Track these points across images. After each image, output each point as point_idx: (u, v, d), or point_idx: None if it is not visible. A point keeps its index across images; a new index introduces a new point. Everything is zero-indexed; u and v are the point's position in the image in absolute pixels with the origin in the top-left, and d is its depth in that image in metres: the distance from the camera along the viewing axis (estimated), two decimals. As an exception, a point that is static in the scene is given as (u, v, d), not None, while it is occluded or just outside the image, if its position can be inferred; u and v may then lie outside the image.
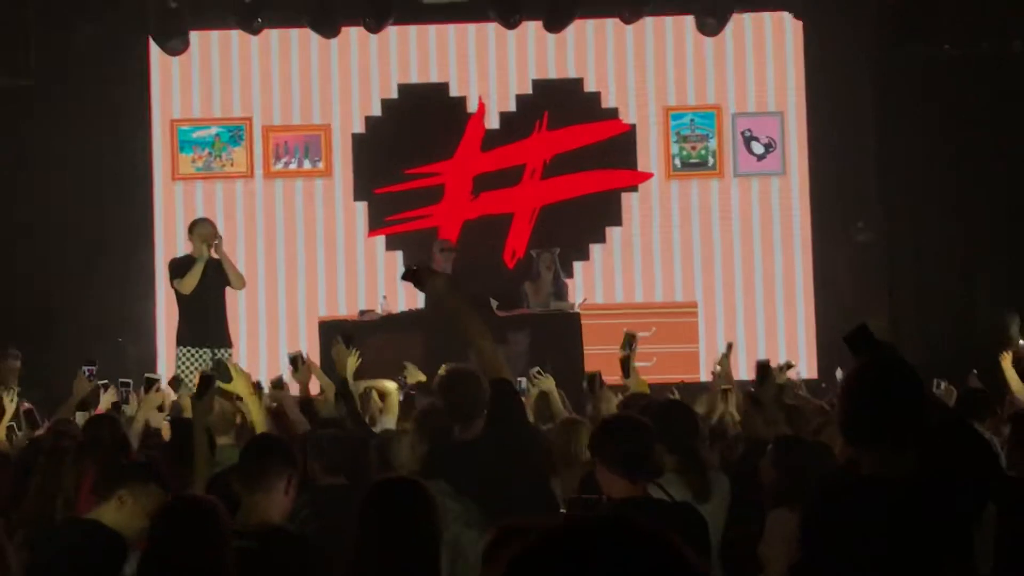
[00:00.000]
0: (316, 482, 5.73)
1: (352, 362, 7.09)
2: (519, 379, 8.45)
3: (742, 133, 13.42)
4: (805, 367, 12.50)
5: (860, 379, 3.58)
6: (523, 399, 7.11)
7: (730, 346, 8.84)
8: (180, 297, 10.19)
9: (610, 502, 4.55)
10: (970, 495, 3.58)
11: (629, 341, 8.42)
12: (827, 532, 3.55)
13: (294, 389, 8.13)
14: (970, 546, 3.53)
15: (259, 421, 5.90)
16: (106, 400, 7.89)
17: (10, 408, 7.70)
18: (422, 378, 8.53)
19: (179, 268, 10.17)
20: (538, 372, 7.91)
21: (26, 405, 7.66)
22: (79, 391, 7.24)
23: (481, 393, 5.21)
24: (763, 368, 6.80)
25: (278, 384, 8.23)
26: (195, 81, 13.43)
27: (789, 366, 9.27)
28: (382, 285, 13.21)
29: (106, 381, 8.10)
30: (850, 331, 3.75)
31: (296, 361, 7.76)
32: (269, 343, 13.03)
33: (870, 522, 3.44)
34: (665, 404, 5.95)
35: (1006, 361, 8.31)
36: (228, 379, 6.03)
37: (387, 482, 4.05)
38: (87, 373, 7.26)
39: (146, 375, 6.79)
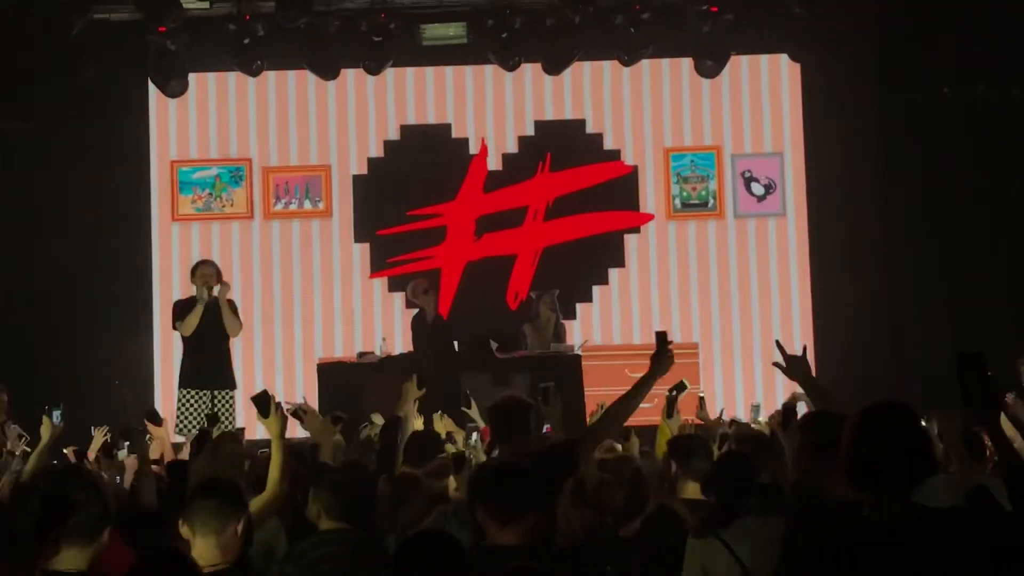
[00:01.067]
0: (318, 526, 5.70)
1: (412, 404, 7.09)
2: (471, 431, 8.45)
3: (742, 174, 13.42)
4: (803, 408, 12.40)
5: (867, 425, 3.60)
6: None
7: (701, 400, 8.84)
8: (183, 339, 10.21)
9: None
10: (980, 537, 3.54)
11: (679, 389, 8.35)
12: (818, 571, 3.53)
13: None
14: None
15: (276, 469, 5.77)
16: (97, 440, 7.86)
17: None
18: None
19: (181, 310, 10.19)
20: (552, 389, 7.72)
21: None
22: (47, 435, 7.05)
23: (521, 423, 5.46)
24: (789, 412, 6.74)
25: (298, 414, 8.16)
26: (193, 122, 13.46)
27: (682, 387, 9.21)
28: (379, 327, 13.18)
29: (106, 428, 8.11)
30: (968, 353, 3.72)
31: (298, 413, 7.71)
32: (266, 385, 12.96)
33: (869, 564, 3.44)
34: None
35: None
36: (267, 414, 5.91)
37: (419, 536, 4.04)
38: (55, 418, 7.16)
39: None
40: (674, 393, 8.08)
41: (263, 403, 5.82)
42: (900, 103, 12.58)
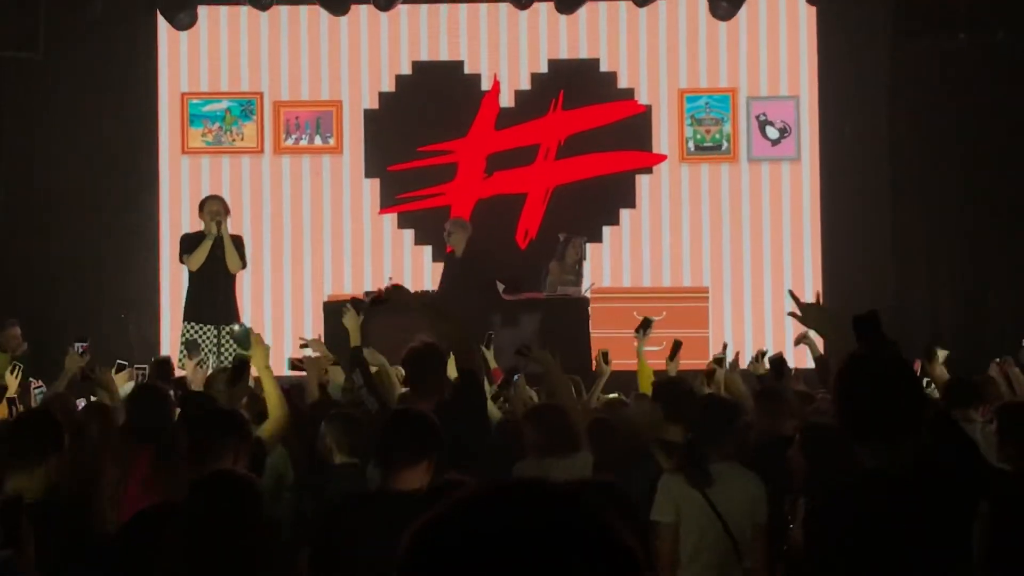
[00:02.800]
0: (329, 461, 5.74)
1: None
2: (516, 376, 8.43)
3: (757, 117, 13.28)
4: (810, 359, 12.39)
5: (856, 373, 3.58)
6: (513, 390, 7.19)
7: (725, 347, 8.83)
8: (189, 273, 10.24)
9: None
10: (968, 489, 3.53)
11: (645, 325, 8.40)
12: (829, 526, 3.56)
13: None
14: (969, 540, 3.52)
15: (272, 395, 5.82)
16: (120, 379, 7.90)
17: (12, 383, 7.71)
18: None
19: (189, 244, 10.23)
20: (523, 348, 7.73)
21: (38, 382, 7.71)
22: (70, 367, 7.25)
23: (437, 369, 5.63)
24: (779, 364, 6.75)
25: (297, 367, 8.18)
26: (204, 55, 13.36)
27: (724, 349, 9.23)
28: (388, 264, 13.15)
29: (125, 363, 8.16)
30: (862, 314, 3.73)
31: (296, 365, 7.74)
32: (274, 322, 12.99)
33: (872, 517, 3.44)
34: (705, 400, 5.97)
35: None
36: (247, 347, 5.98)
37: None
38: (79, 350, 7.29)
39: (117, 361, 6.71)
40: (640, 336, 8.14)
41: (243, 338, 5.96)
42: (917, 48, 12.41)
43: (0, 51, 11.89)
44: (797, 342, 8.48)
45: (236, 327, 9.94)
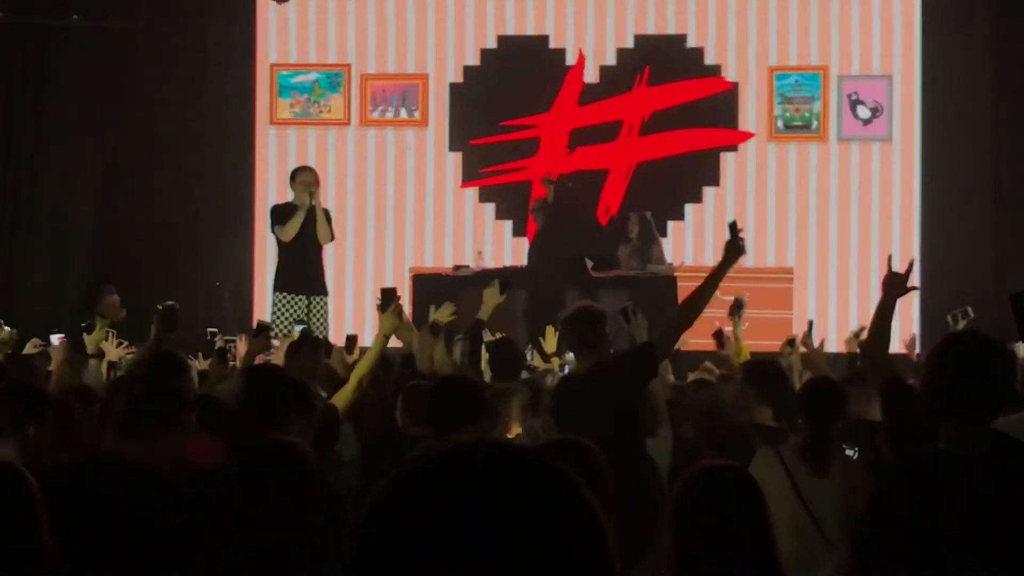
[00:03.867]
0: (406, 432, 5.72)
1: (445, 310, 7.16)
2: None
3: (848, 96, 13.11)
4: (897, 342, 12.25)
5: (951, 352, 3.59)
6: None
7: (811, 324, 8.74)
8: (280, 244, 10.25)
9: None
10: None
11: (738, 306, 8.34)
12: (897, 505, 3.54)
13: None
14: None
15: (366, 364, 5.84)
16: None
17: (111, 349, 7.74)
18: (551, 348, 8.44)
19: (281, 215, 10.26)
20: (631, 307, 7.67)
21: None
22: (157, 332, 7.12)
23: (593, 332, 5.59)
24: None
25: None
26: (293, 27, 13.38)
27: (810, 326, 9.12)
28: (470, 238, 13.12)
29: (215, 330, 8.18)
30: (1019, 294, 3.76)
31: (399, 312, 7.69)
32: (356, 293, 13.00)
33: (941, 495, 3.43)
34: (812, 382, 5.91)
35: None
36: (385, 308, 6.05)
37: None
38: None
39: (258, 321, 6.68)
40: (735, 318, 8.11)
41: (387, 297, 6.00)
42: (1018, 27, 12.20)
43: (103, 20, 11.97)
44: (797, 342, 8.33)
45: (388, 287, 9.96)
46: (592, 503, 1.40)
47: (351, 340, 8.82)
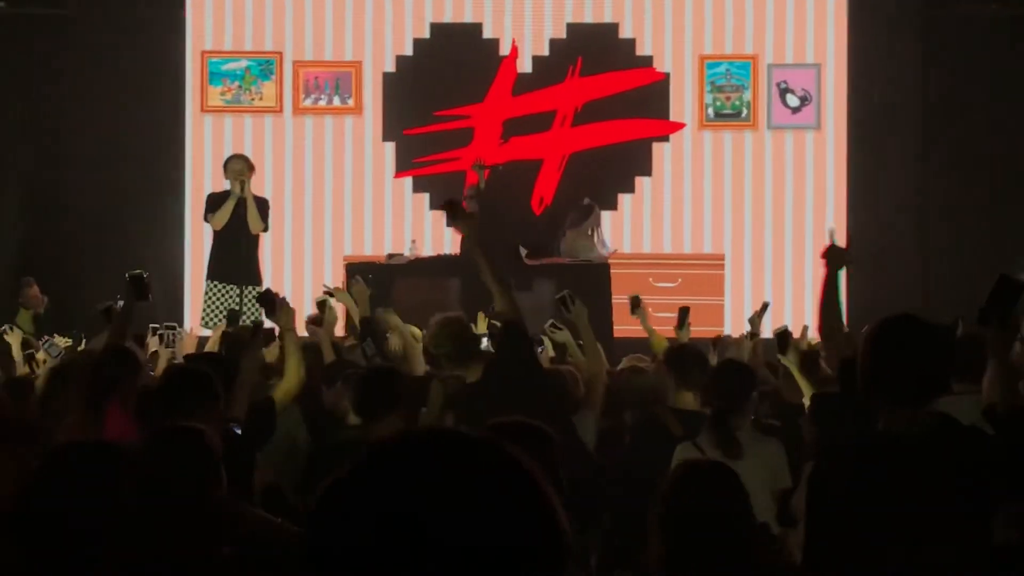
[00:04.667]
0: (344, 421, 5.75)
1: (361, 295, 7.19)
2: (540, 337, 8.46)
3: (777, 85, 13.24)
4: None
5: (886, 336, 3.61)
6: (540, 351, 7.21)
7: (765, 306, 8.81)
8: (214, 232, 10.21)
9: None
10: (994, 456, 3.54)
11: (635, 305, 8.47)
12: (833, 487, 3.54)
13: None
14: (987, 508, 3.51)
15: (292, 357, 5.84)
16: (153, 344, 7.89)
17: (14, 340, 7.76)
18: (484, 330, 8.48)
19: (213, 204, 10.20)
20: (553, 326, 7.86)
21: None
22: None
23: (467, 337, 5.64)
24: (783, 337, 6.75)
25: (316, 321, 8.20)
26: (227, 15, 13.28)
27: (764, 307, 9.24)
28: (409, 227, 13.12)
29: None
30: (1012, 278, 3.84)
31: (323, 306, 7.74)
32: (294, 282, 12.96)
33: (877, 478, 3.44)
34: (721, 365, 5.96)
35: None
36: (272, 311, 6.04)
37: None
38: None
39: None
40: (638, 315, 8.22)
41: (268, 301, 6.02)
42: (947, 16, 12.38)
43: (29, 7, 11.83)
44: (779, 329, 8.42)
45: (260, 289, 9.98)
46: (547, 489, 1.38)
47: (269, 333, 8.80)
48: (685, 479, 3.43)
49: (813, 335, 8.99)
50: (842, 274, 4.65)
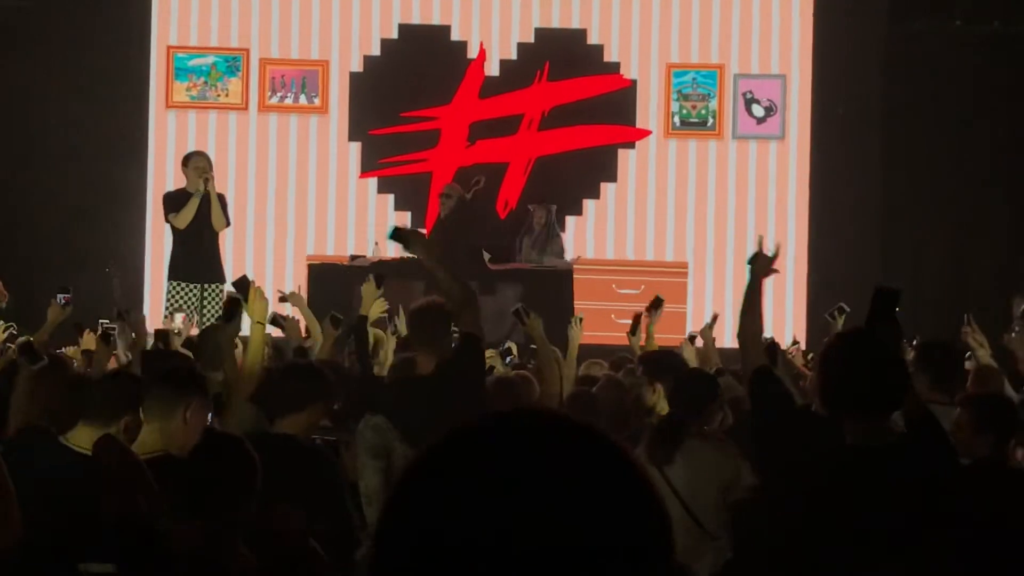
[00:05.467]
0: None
1: (378, 305, 7.12)
2: (507, 344, 8.45)
3: (743, 95, 13.29)
4: (789, 336, 12.47)
5: (842, 349, 3.68)
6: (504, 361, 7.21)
7: (715, 317, 8.85)
8: (174, 231, 10.12)
9: None
10: (950, 465, 3.58)
11: (656, 306, 8.42)
12: (807, 498, 3.59)
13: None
14: (952, 516, 3.55)
15: (256, 351, 5.80)
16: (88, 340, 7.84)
17: None
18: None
19: (174, 202, 10.12)
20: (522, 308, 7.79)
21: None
22: (53, 318, 7.28)
23: (442, 329, 5.54)
24: (773, 350, 6.75)
25: (278, 321, 8.16)
26: (194, 10, 13.20)
27: (795, 343, 9.34)
28: (372, 227, 13.08)
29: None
30: (888, 289, 3.80)
31: (276, 321, 7.71)
32: (255, 280, 12.85)
33: (853, 490, 3.48)
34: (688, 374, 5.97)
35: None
36: (246, 299, 5.97)
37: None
38: (61, 301, 7.30)
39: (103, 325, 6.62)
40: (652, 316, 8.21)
41: (243, 288, 5.94)
42: (911, 32, 12.48)
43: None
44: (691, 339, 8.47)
45: (223, 287, 9.92)
46: (651, 480, 1.27)
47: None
48: None
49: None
50: (769, 282, 4.65)
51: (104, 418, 4.40)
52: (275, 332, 8.12)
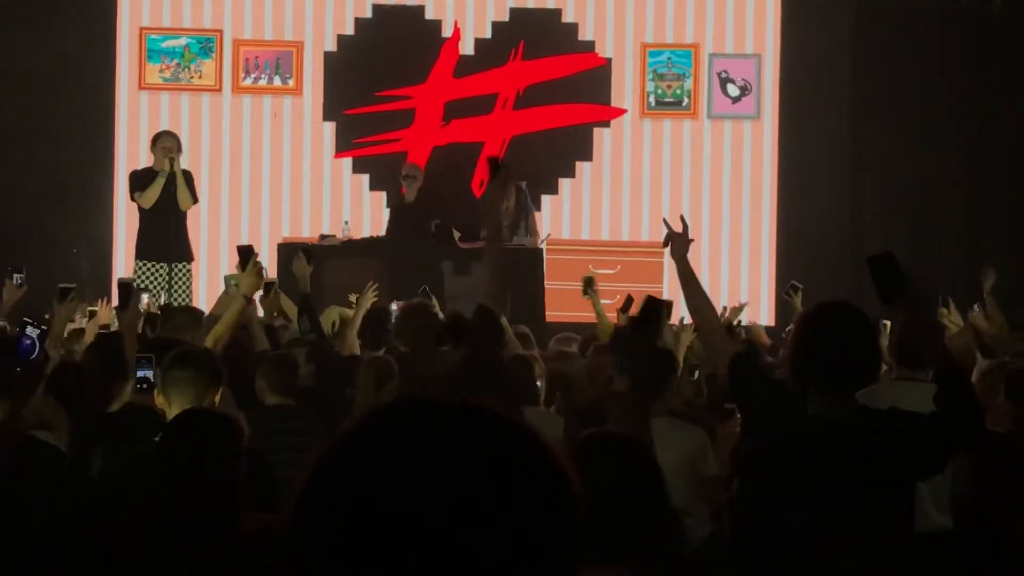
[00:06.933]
0: (263, 402, 5.76)
1: (368, 299, 7.20)
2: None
3: (718, 74, 13.28)
4: (765, 314, 12.49)
5: (814, 322, 3.67)
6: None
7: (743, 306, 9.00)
8: (141, 210, 10.14)
9: None
10: (924, 441, 3.57)
11: (588, 285, 8.50)
12: (771, 470, 3.62)
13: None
14: (909, 491, 3.55)
15: (226, 327, 5.82)
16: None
17: None
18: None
19: (140, 181, 10.15)
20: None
21: None
22: (9, 298, 7.26)
23: (433, 322, 5.55)
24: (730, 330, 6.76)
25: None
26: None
27: (742, 307, 9.39)
28: (347, 208, 13.08)
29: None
30: (879, 255, 3.81)
31: (270, 287, 7.72)
32: (230, 261, 12.87)
33: (815, 462, 3.49)
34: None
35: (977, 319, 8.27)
36: (244, 267, 6.01)
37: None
38: (17, 281, 7.29)
39: (60, 285, 6.56)
40: (589, 296, 8.25)
41: (244, 256, 5.95)
42: (881, 8, 12.49)
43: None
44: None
45: (188, 265, 9.91)
46: (569, 470, 1.25)
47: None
48: (591, 451, 3.40)
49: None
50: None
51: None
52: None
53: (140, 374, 4.98)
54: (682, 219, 4.72)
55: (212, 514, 3.48)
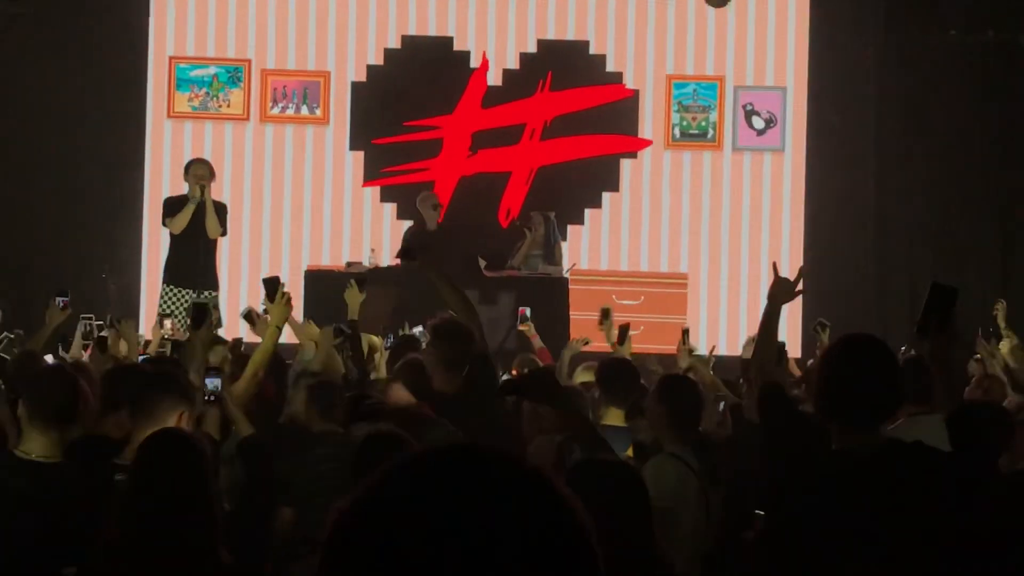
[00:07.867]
0: (309, 428, 5.75)
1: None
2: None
3: (744, 107, 13.31)
4: (789, 345, 12.45)
5: (840, 356, 3.65)
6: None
7: (712, 349, 8.97)
8: (171, 236, 10.24)
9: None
10: (948, 475, 3.56)
11: (604, 316, 8.52)
12: (796, 504, 3.61)
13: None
14: (934, 525, 3.53)
15: (263, 358, 5.83)
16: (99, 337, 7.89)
17: None
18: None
19: (172, 207, 10.23)
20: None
21: None
22: (52, 321, 7.30)
23: (471, 346, 5.55)
24: (779, 351, 6.75)
25: (251, 316, 8.24)
26: (191, 20, 13.28)
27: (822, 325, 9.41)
28: (368, 237, 13.13)
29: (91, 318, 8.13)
30: (944, 286, 3.82)
31: (250, 316, 7.77)
32: (251, 290, 12.95)
33: (839, 496, 3.48)
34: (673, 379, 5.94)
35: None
36: (272, 299, 6.04)
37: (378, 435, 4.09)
38: (60, 303, 7.33)
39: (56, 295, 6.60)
40: (604, 327, 8.25)
41: (271, 287, 5.95)
42: (907, 43, 12.50)
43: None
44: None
45: (215, 294, 9.99)
46: (580, 509, 1.32)
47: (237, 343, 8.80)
48: (585, 477, 3.42)
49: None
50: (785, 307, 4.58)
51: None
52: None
53: (209, 385, 4.97)
54: (800, 269, 4.74)
55: (190, 541, 3.49)
